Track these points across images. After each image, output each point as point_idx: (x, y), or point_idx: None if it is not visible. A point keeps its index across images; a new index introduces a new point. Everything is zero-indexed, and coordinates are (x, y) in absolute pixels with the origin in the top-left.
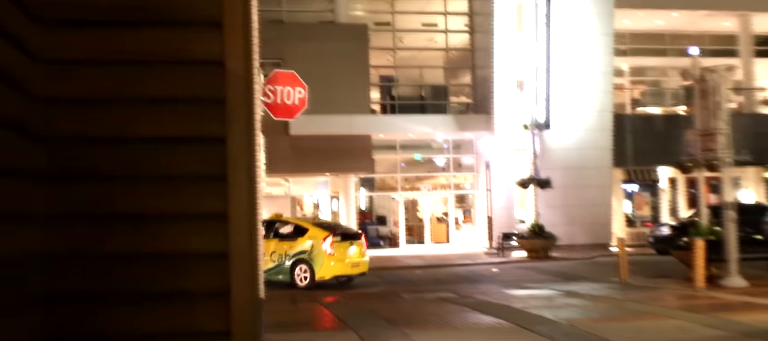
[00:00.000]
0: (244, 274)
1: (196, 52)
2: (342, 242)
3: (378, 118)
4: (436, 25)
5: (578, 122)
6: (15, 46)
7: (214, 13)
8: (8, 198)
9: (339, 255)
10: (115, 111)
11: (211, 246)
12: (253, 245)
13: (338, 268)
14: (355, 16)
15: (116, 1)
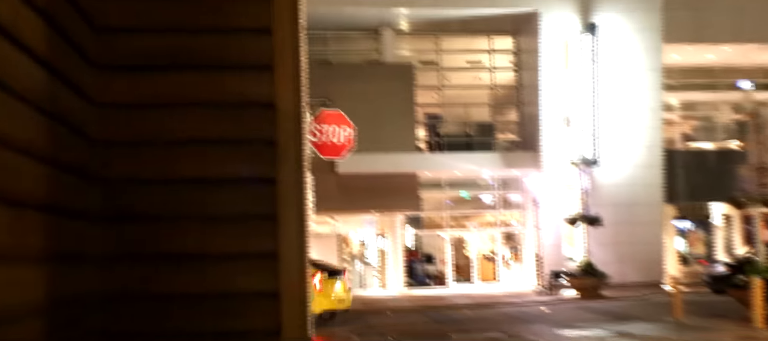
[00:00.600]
0: (294, 313)
1: (248, 94)
2: (329, 278)
3: (424, 156)
4: (482, 63)
5: (628, 158)
6: (75, 92)
7: (266, 57)
8: (66, 238)
9: (325, 291)
10: (169, 152)
11: (262, 285)
12: (303, 284)
13: (325, 304)
14: (401, 56)
15: (172, 46)
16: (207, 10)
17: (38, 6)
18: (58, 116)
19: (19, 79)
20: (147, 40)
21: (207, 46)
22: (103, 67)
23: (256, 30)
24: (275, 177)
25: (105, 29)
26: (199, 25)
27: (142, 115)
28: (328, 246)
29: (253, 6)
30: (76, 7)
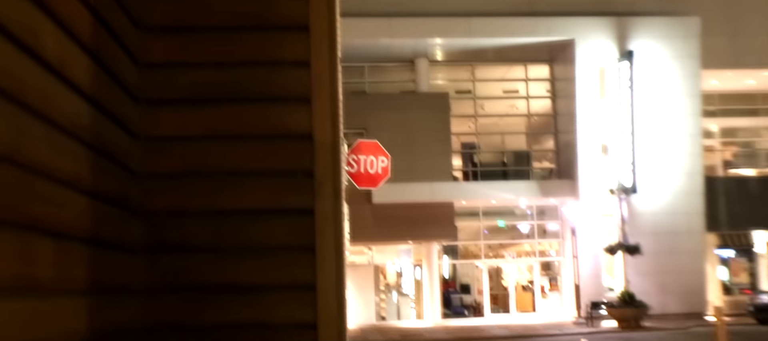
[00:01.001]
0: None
1: (287, 126)
2: None
3: (460, 185)
4: (517, 92)
5: (667, 186)
6: (119, 126)
7: (304, 89)
8: (109, 270)
9: None
10: (209, 184)
11: (301, 316)
12: (342, 315)
13: None
14: (436, 85)
15: (214, 80)
16: (248, 44)
17: (85, 44)
18: (102, 150)
19: (65, 114)
20: (190, 74)
21: (248, 79)
22: (146, 101)
23: (295, 63)
24: (313, 208)
25: (149, 65)
26: (240, 59)
27: (185, 147)
28: (364, 276)
29: (292, 40)
30: (121, 44)
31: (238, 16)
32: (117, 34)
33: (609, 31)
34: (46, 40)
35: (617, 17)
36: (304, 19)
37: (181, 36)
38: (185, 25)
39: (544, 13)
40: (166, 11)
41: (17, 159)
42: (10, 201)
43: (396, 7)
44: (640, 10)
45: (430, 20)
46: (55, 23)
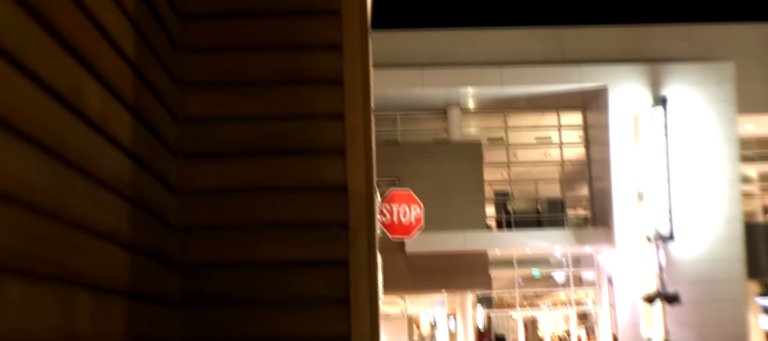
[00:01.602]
0: None
1: (322, 178)
2: None
3: (494, 234)
4: (550, 139)
5: (705, 233)
6: (158, 180)
7: (338, 141)
8: (147, 324)
9: None
10: (245, 236)
11: None
12: None
13: None
14: (469, 134)
15: (249, 132)
16: (284, 98)
17: (126, 101)
18: (141, 204)
19: (105, 169)
20: (227, 128)
21: (284, 132)
22: (184, 155)
23: (330, 116)
24: (347, 260)
25: (187, 119)
26: (276, 113)
27: (221, 200)
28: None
29: (327, 93)
30: (161, 100)
31: (274, 70)
32: (157, 90)
33: (642, 77)
34: (90, 99)
35: (650, 64)
36: (338, 73)
37: (219, 91)
38: (223, 79)
39: (576, 60)
40: (204, 67)
41: (61, 214)
42: (51, 255)
43: (428, 57)
44: (673, 56)
45: (462, 70)
46: (99, 81)
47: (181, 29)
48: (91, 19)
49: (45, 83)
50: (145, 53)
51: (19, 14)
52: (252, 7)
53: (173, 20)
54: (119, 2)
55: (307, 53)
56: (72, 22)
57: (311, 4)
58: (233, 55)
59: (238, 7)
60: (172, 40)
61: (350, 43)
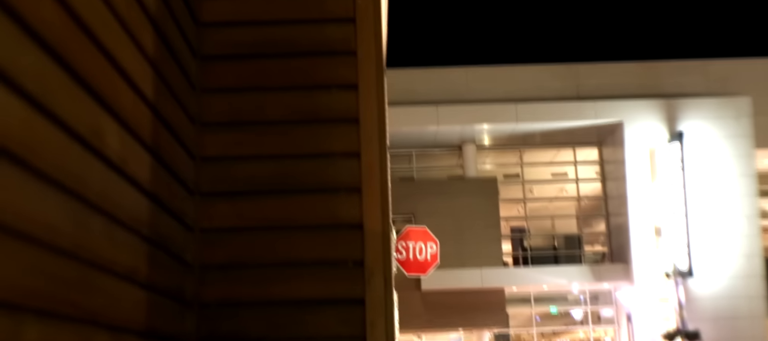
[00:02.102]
0: None
1: (339, 216)
2: None
3: (510, 271)
4: (566, 175)
5: (725, 269)
6: (176, 219)
7: (354, 180)
8: None
9: None
10: (261, 275)
11: None
12: None
13: None
14: (484, 170)
15: (266, 171)
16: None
17: (145, 141)
18: (158, 243)
19: (124, 208)
20: (244, 167)
21: (300, 171)
22: (201, 194)
23: (346, 154)
24: (364, 298)
25: (205, 159)
26: (293, 152)
27: (237, 239)
28: None
29: (343, 132)
30: (179, 140)
31: (291, 110)
32: (175, 130)
33: (658, 112)
34: (110, 139)
35: (666, 99)
36: (354, 112)
37: (236, 130)
38: (240, 119)
39: (591, 96)
40: (221, 107)
41: (79, 254)
42: (70, 295)
43: (443, 94)
44: (688, 91)
45: (477, 107)
46: (118, 122)
47: (200, 70)
48: (112, 61)
49: (66, 125)
50: (164, 94)
51: (43, 58)
52: (269, 48)
53: (192, 61)
54: (139, 44)
55: (324, 93)
56: (93, 65)
57: (328, 45)
58: (251, 96)
59: (255, 48)
60: (190, 81)
61: (366, 83)
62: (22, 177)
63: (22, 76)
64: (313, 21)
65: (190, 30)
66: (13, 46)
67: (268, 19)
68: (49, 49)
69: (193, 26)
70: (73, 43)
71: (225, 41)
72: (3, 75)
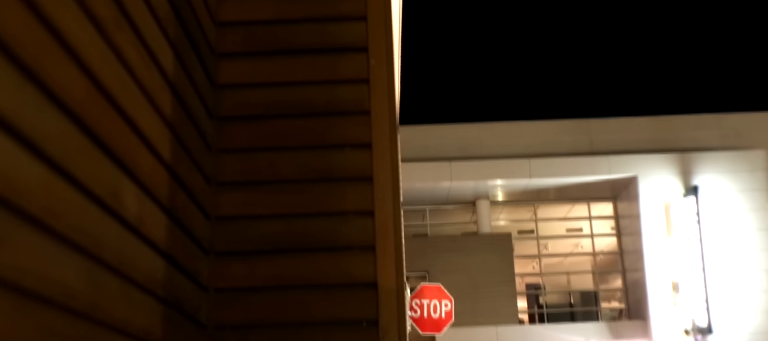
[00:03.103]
0: None
1: (353, 275)
2: None
3: (526, 328)
4: (581, 230)
5: (745, 324)
6: (190, 279)
7: (368, 238)
8: None
9: None
10: (276, 335)
11: None
12: None
13: None
14: (498, 226)
15: (281, 230)
16: (315, 196)
17: (162, 202)
18: (173, 303)
19: (139, 269)
20: (258, 226)
21: (314, 229)
22: (216, 254)
23: (359, 213)
24: None
25: (219, 218)
26: (307, 211)
27: (252, 299)
28: None
29: (357, 191)
30: (195, 200)
31: (305, 169)
32: (191, 191)
33: (672, 166)
34: (127, 201)
35: (680, 153)
36: (367, 170)
37: (251, 190)
38: (255, 179)
39: (605, 151)
40: (237, 167)
41: (94, 315)
42: None
43: (456, 150)
44: (702, 145)
45: (490, 163)
46: (136, 184)
47: (216, 131)
48: (131, 124)
49: (86, 188)
50: (180, 155)
51: (65, 123)
52: (284, 109)
53: (208, 123)
54: (157, 107)
55: (338, 152)
56: (113, 128)
57: (341, 105)
58: (265, 155)
59: (270, 109)
60: (206, 142)
61: (379, 142)
62: (42, 240)
63: (44, 141)
64: (328, 82)
65: (207, 92)
66: (37, 112)
67: (283, 80)
68: (71, 114)
69: (209, 88)
70: (94, 108)
71: (240, 102)
72: (26, 140)
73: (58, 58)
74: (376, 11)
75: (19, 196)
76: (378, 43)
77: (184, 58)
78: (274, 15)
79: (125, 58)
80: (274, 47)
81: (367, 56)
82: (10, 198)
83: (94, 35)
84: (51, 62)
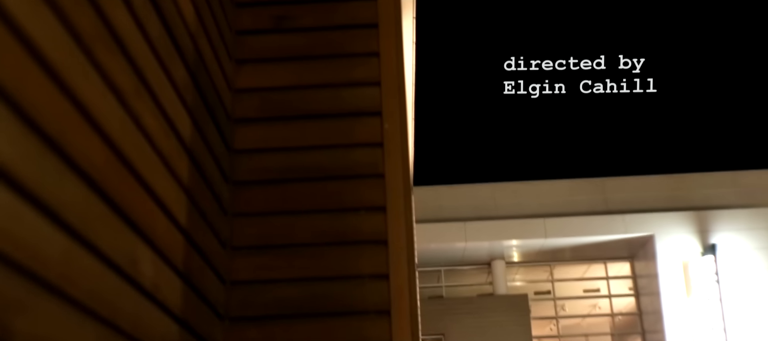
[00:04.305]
0: None
1: (368, 339)
2: None
3: None
4: (599, 290)
5: None
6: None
7: (383, 301)
8: None
9: None
10: None
11: None
12: None
13: None
14: (514, 287)
15: (296, 294)
16: (330, 259)
17: (177, 267)
18: None
19: (155, 335)
20: (274, 291)
21: (330, 293)
22: (231, 319)
23: (375, 276)
24: None
25: (235, 282)
26: (322, 275)
27: None
28: None
29: (372, 254)
30: (210, 265)
31: (320, 233)
32: (206, 255)
33: (689, 225)
34: (144, 267)
35: (696, 211)
36: (382, 234)
37: (266, 254)
38: (270, 243)
39: (620, 210)
40: (252, 231)
41: None
42: None
43: (471, 211)
44: (719, 203)
45: (505, 223)
46: (153, 249)
47: (232, 195)
48: (149, 191)
49: (104, 255)
50: (196, 220)
51: (85, 191)
52: (299, 173)
53: (224, 187)
54: (175, 173)
55: (353, 215)
56: (131, 196)
57: (356, 169)
58: (281, 219)
59: (285, 173)
60: (222, 206)
61: (394, 205)
62: (59, 308)
63: (65, 209)
64: (342, 146)
65: (223, 157)
66: (58, 181)
67: (298, 145)
68: (91, 182)
69: (226, 153)
70: (113, 176)
71: (256, 167)
72: (47, 209)
73: (80, 128)
74: (389, 77)
75: (38, 264)
76: (391, 107)
77: (202, 125)
78: (289, 81)
79: (144, 125)
80: (289, 113)
81: (381, 120)
82: (30, 266)
83: (114, 104)
84: (73, 131)
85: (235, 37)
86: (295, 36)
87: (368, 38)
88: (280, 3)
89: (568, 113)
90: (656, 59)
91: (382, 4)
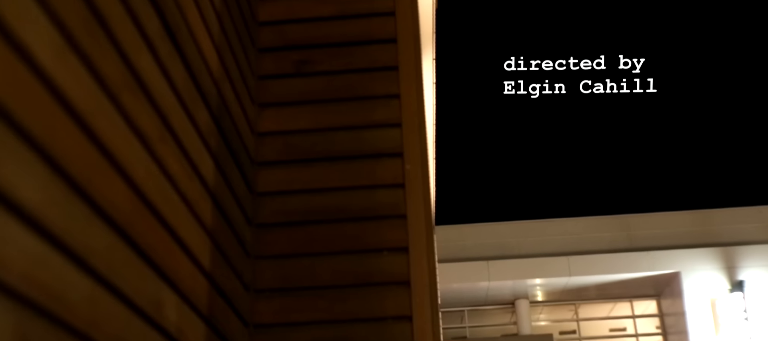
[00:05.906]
0: None
1: None
2: None
3: None
4: (625, 330)
5: None
6: None
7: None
8: None
9: None
10: None
11: None
12: None
13: None
14: (539, 327)
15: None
16: (352, 301)
17: (201, 311)
18: None
19: None
20: (296, 334)
21: (352, 336)
22: None
23: (397, 318)
24: None
25: (258, 326)
26: (345, 317)
27: None
28: None
29: (394, 295)
30: (233, 308)
31: (342, 274)
32: (229, 298)
33: (715, 261)
34: (168, 311)
35: (723, 247)
36: (405, 275)
37: (289, 297)
38: (292, 285)
39: (645, 247)
40: (274, 274)
41: None
42: None
43: (494, 250)
44: (745, 239)
45: (528, 261)
46: (177, 293)
47: (254, 238)
48: (173, 235)
49: (129, 300)
50: (219, 263)
51: (111, 237)
52: (321, 215)
53: (247, 230)
54: (198, 217)
55: (375, 256)
56: (156, 240)
57: (378, 210)
58: (303, 261)
59: (307, 215)
60: (245, 249)
61: (416, 245)
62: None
63: (91, 255)
64: (364, 187)
65: (246, 200)
66: (86, 227)
67: (320, 187)
68: (117, 228)
69: (249, 196)
70: (139, 221)
71: (279, 209)
72: (74, 255)
73: (106, 173)
74: (410, 118)
75: (65, 311)
76: (413, 147)
77: (225, 168)
78: (311, 124)
79: (169, 170)
80: (311, 155)
81: (402, 161)
82: (58, 313)
83: (139, 150)
84: (99, 177)
85: (258, 81)
86: (317, 80)
87: (388, 80)
88: (301, 48)
89: (590, 150)
90: (656, 59)
91: (402, 47)
